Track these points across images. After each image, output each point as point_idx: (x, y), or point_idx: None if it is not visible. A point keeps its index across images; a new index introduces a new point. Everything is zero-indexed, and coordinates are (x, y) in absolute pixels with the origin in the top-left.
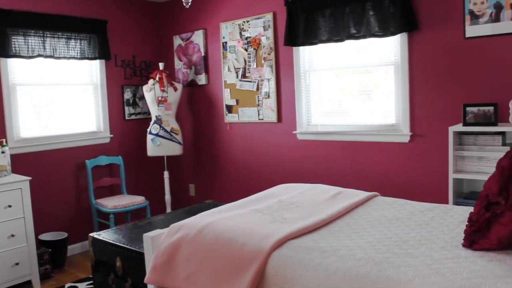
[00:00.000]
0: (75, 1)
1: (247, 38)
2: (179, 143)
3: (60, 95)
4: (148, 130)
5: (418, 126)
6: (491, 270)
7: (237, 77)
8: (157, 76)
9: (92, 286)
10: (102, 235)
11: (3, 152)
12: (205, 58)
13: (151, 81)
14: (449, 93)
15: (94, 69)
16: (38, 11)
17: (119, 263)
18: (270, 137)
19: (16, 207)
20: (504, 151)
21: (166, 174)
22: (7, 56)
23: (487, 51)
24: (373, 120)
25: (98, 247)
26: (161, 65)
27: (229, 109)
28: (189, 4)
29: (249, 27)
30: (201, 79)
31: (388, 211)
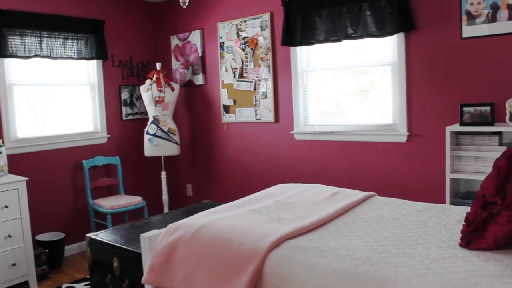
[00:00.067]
0: (72, 1)
1: (244, 38)
2: (176, 143)
3: (57, 95)
4: (145, 130)
5: (415, 126)
6: (487, 270)
7: (234, 77)
8: (154, 76)
9: (89, 286)
10: (99, 236)
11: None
12: (202, 58)
13: (148, 81)
14: (446, 93)
15: (91, 69)
16: (35, 11)
17: (116, 263)
18: (267, 137)
19: (13, 207)
20: (500, 151)
21: (163, 174)
22: (3, 56)
23: (484, 51)
24: (370, 120)
25: (95, 247)
26: (158, 65)
27: (227, 109)
28: (186, 4)
29: (246, 27)
30: (199, 79)
31: (385, 211)
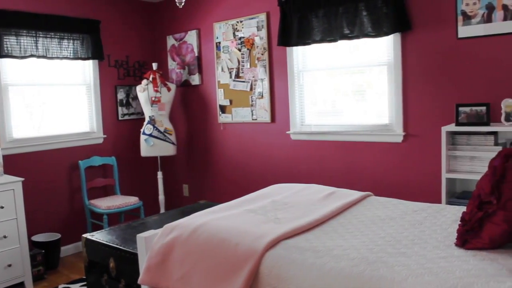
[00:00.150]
0: (68, 1)
1: (240, 38)
2: (172, 143)
3: (53, 95)
4: (141, 130)
5: (411, 126)
6: (483, 269)
7: (230, 77)
8: (151, 76)
9: (86, 287)
10: (96, 236)
11: None
12: (198, 58)
13: (144, 82)
14: (442, 93)
15: (87, 69)
16: (30, 10)
17: (112, 264)
18: (263, 137)
19: (9, 208)
20: (496, 150)
21: (159, 175)
22: None
23: (479, 52)
24: (366, 120)
25: (91, 248)
26: (154, 65)
27: (223, 109)
28: (182, 4)
29: (242, 27)
30: (195, 79)
31: (381, 210)
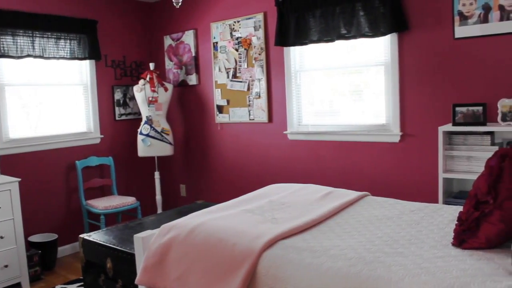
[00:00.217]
0: (64, 1)
1: (237, 38)
2: (170, 143)
3: (49, 95)
4: (138, 130)
5: (408, 126)
6: (480, 269)
7: (227, 77)
8: (148, 77)
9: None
10: (93, 236)
11: None
12: (195, 59)
13: (141, 82)
14: (438, 93)
15: (84, 69)
16: (27, 10)
17: (109, 264)
18: (261, 137)
19: (5, 208)
20: (492, 150)
21: (157, 175)
22: None
23: (476, 52)
24: (363, 120)
25: (88, 248)
26: (151, 65)
27: (220, 109)
28: (179, 4)
29: (239, 27)
30: (192, 80)
31: (378, 210)
